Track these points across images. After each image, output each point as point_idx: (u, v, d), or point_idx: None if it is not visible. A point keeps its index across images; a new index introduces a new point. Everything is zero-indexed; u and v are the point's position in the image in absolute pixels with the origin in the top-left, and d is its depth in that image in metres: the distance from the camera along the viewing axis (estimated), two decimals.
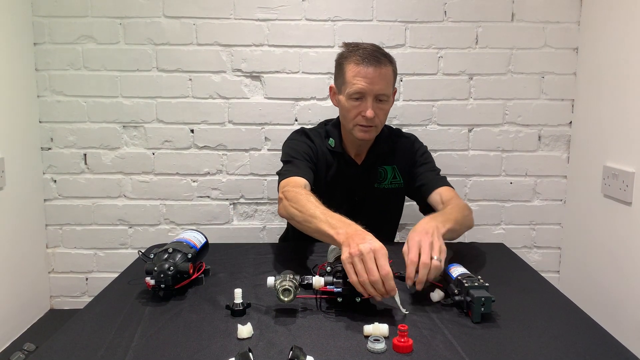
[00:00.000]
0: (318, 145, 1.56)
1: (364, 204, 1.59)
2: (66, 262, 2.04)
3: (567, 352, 0.89)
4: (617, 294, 1.66)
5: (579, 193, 1.93)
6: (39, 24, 1.90)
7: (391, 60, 1.45)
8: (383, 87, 1.41)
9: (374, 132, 1.48)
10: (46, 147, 1.97)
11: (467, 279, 1.04)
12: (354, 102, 1.43)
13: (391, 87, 1.45)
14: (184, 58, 1.93)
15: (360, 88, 1.40)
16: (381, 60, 1.40)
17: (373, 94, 1.40)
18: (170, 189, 2.01)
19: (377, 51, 1.43)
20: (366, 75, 1.39)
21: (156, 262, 1.11)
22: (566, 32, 1.94)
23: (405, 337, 0.88)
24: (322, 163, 1.56)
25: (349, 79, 1.42)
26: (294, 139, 1.58)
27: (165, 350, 0.89)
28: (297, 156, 1.49)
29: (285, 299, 1.00)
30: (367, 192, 1.59)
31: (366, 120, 1.42)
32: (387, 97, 1.44)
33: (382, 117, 1.46)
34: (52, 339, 0.94)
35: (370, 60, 1.39)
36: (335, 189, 1.57)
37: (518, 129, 2.00)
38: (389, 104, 1.47)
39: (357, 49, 1.43)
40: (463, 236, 2.03)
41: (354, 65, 1.41)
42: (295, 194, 1.27)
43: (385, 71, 1.41)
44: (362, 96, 1.42)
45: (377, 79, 1.39)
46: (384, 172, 1.59)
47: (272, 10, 1.91)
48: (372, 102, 1.41)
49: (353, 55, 1.42)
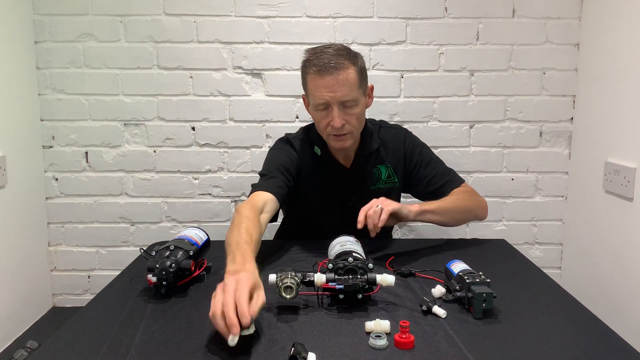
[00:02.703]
0: (301, 154, 1.53)
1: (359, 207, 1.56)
2: (68, 260, 2.04)
3: (568, 348, 0.89)
4: (618, 290, 1.66)
5: (581, 189, 1.92)
6: (39, 22, 1.90)
7: (354, 61, 1.37)
8: (346, 93, 1.34)
9: (349, 138, 1.42)
10: (48, 145, 1.97)
11: (469, 275, 1.04)
12: (321, 113, 1.40)
13: (356, 90, 1.37)
14: (184, 55, 1.93)
15: (322, 99, 1.35)
16: (339, 66, 1.33)
17: (337, 101, 1.35)
18: (171, 187, 2.01)
19: (335, 56, 1.35)
20: (326, 85, 1.33)
21: (158, 259, 1.12)
22: (567, 28, 1.93)
23: (406, 334, 0.88)
24: (307, 172, 1.53)
25: (311, 91, 1.39)
26: (276, 149, 1.55)
27: (168, 347, 0.90)
28: (272, 170, 1.46)
29: (287, 296, 1.00)
30: (362, 195, 1.52)
31: (336, 130, 1.38)
32: (353, 101, 1.37)
33: (354, 121, 1.40)
34: (55, 337, 0.94)
35: (327, 69, 1.33)
36: (326, 196, 1.55)
37: (519, 125, 1.99)
38: (360, 106, 1.40)
39: (314, 57, 1.36)
40: (464, 232, 2.06)
41: (312, 77, 1.36)
42: (237, 219, 1.24)
43: (345, 76, 1.33)
44: (327, 106, 1.37)
45: (337, 86, 1.33)
46: (379, 172, 1.55)
47: (272, 7, 1.91)
48: (338, 111, 1.35)
49: (310, 66, 1.37)
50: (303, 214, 1.63)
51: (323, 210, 1.57)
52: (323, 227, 1.59)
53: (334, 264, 1.06)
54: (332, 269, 1.05)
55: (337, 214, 1.57)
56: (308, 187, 1.54)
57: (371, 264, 1.06)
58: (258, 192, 1.38)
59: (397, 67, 1.95)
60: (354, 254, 1.09)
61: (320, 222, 1.60)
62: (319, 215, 1.59)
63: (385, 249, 1.42)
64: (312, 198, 1.56)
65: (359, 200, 1.54)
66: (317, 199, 1.56)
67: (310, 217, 1.62)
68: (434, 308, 1.01)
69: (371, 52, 1.94)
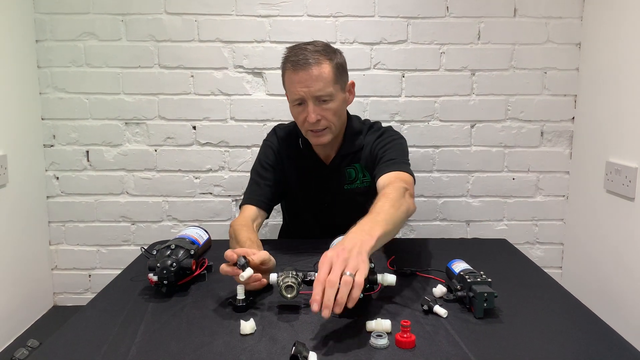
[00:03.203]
0: (285, 145, 1.55)
1: (334, 206, 1.56)
2: (69, 259, 2.04)
3: (569, 348, 0.89)
4: (619, 290, 1.66)
5: (582, 189, 1.92)
6: (40, 21, 1.90)
7: (330, 57, 1.38)
8: (320, 87, 1.35)
9: (328, 134, 1.42)
10: (48, 144, 1.97)
11: (470, 275, 1.04)
12: (298, 108, 1.41)
13: (332, 85, 1.36)
14: (185, 55, 1.93)
15: (297, 94, 1.37)
16: (313, 62, 1.34)
17: (311, 96, 1.35)
18: (172, 186, 2.01)
19: (310, 52, 1.36)
20: (300, 80, 1.35)
21: (159, 258, 1.12)
22: (569, 28, 1.93)
23: (407, 333, 0.88)
24: (292, 164, 1.54)
25: (288, 87, 1.41)
26: (264, 144, 1.59)
27: (169, 346, 0.90)
28: (260, 174, 1.53)
29: (288, 295, 1.00)
30: (337, 193, 1.54)
31: (312, 125, 1.39)
32: (329, 96, 1.37)
33: (331, 117, 1.39)
34: (56, 335, 0.94)
35: (301, 64, 1.34)
36: (306, 190, 1.56)
37: (520, 124, 1.99)
38: (336, 102, 1.39)
39: (291, 54, 1.38)
40: (465, 232, 2.05)
41: (288, 73, 1.38)
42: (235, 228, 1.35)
43: (319, 71, 1.34)
44: (302, 102, 1.38)
45: (311, 81, 1.34)
46: (354, 171, 1.53)
47: (273, 6, 1.91)
48: (313, 106, 1.36)
49: (287, 62, 1.39)
50: (290, 206, 1.67)
51: (303, 204, 1.60)
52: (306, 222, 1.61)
53: None
54: None
55: (314, 210, 1.59)
56: (291, 179, 1.56)
57: (372, 264, 1.05)
58: (245, 206, 1.48)
59: (398, 67, 1.95)
60: None
61: (302, 217, 1.63)
62: (301, 208, 1.62)
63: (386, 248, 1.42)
64: (295, 190, 1.58)
65: (333, 200, 1.55)
66: (299, 191, 1.57)
67: (295, 209, 1.65)
68: (435, 307, 1.01)
69: (372, 52, 1.93)
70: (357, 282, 0.88)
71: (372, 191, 1.53)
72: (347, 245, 0.95)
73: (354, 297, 0.88)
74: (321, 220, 1.59)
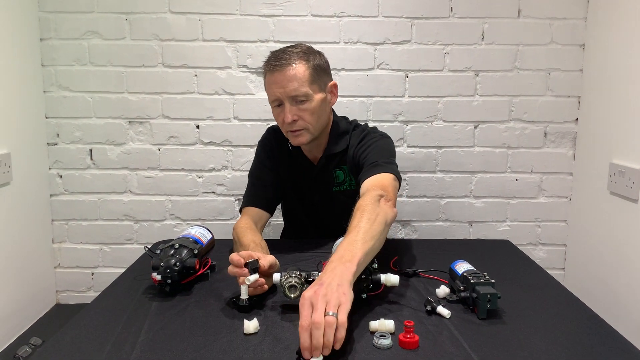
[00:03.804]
0: (279, 146, 1.56)
1: (323, 207, 1.56)
2: (72, 257, 2.05)
3: (572, 349, 0.89)
4: (622, 291, 1.66)
5: (585, 190, 1.92)
6: (45, 19, 1.90)
7: (307, 58, 1.38)
8: (295, 88, 1.34)
9: (306, 134, 1.41)
10: (52, 142, 1.98)
11: (473, 276, 1.04)
12: (276, 110, 1.41)
13: (307, 85, 1.36)
14: (189, 54, 1.93)
15: (273, 95, 1.38)
16: (287, 62, 1.35)
17: (286, 96, 1.36)
18: (175, 185, 2.02)
19: (287, 54, 1.37)
20: (275, 81, 1.36)
21: (162, 257, 1.12)
22: (573, 29, 1.92)
23: (411, 333, 0.89)
24: (284, 164, 1.56)
25: (267, 89, 1.41)
26: (258, 148, 1.61)
27: (172, 345, 0.90)
28: (259, 176, 1.55)
29: (291, 295, 1.01)
30: (324, 195, 1.54)
31: (289, 125, 1.39)
32: (304, 96, 1.36)
33: (308, 117, 1.38)
34: (60, 333, 0.94)
35: (276, 66, 1.35)
36: (296, 189, 1.57)
37: (524, 125, 1.99)
38: (313, 102, 1.38)
39: (271, 57, 1.39)
40: (468, 233, 2.05)
41: (267, 75, 1.39)
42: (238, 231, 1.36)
43: (294, 71, 1.34)
44: (280, 103, 1.39)
45: (286, 81, 1.34)
46: (343, 173, 1.53)
47: (277, 6, 1.91)
48: (289, 106, 1.36)
49: (267, 65, 1.40)
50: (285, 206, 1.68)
51: (296, 204, 1.61)
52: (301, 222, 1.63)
53: None
54: None
55: (304, 211, 1.60)
56: (285, 179, 1.57)
57: (375, 264, 1.06)
58: (246, 208, 1.49)
59: (402, 67, 1.95)
60: None
61: (297, 217, 1.63)
62: (295, 209, 1.63)
63: (389, 249, 1.42)
64: (289, 190, 1.59)
65: (321, 200, 1.55)
66: (291, 191, 1.58)
67: (289, 210, 1.66)
68: (438, 308, 1.01)
69: (376, 52, 1.93)
70: (340, 322, 0.82)
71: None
72: (326, 280, 0.90)
73: (338, 338, 0.82)
74: (314, 221, 1.60)
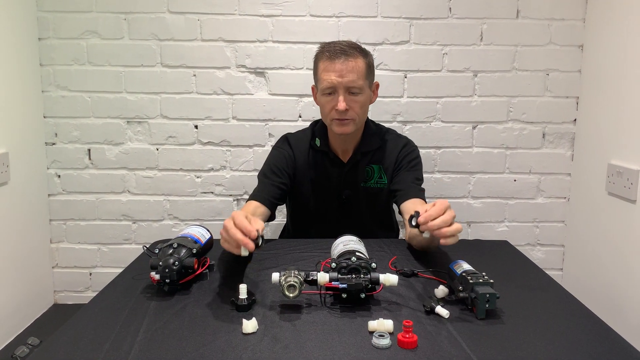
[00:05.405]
0: (298, 150, 1.58)
1: (351, 203, 1.59)
2: (70, 257, 2.04)
3: (571, 349, 0.89)
4: (621, 292, 1.66)
5: (583, 191, 1.92)
6: (43, 19, 1.90)
7: (365, 53, 1.46)
8: (353, 79, 1.41)
9: (351, 125, 1.47)
10: (50, 142, 1.97)
11: (472, 276, 1.04)
12: (327, 97, 1.45)
13: (363, 79, 1.44)
14: (188, 54, 1.93)
15: (329, 82, 1.42)
16: (350, 53, 1.41)
17: (343, 86, 1.41)
18: (174, 185, 2.01)
19: (348, 46, 1.44)
20: (335, 69, 1.41)
21: (161, 257, 1.12)
22: (571, 29, 1.93)
23: (410, 333, 0.88)
24: (305, 165, 1.58)
25: (320, 75, 1.45)
26: (274, 149, 1.63)
27: (171, 344, 0.90)
28: (267, 175, 1.55)
29: (290, 294, 1.00)
30: (354, 190, 1.58)
31: (339, 114, 1.43)
32: (359, 89, 1.43)
33: (358, 109, 1.45)
34: (58, 333, 0.94)
35: (338, 54, 1.41)
36: (322, 187, 1.59)
37: (522, 126, 1.99)
38: (364, 96, 1.46)
39: (328, 46, 1.45)
40: (467, 233, 2.05)
41: (323, 62, 1.44)
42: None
43: (354, 63, 1.41)
44: (333, 90, 1.43)
45: (346, 71, 1.40)
46: (371, 170, 1.58)
47: (276, 6, 1.91)
48: (344, 95, 1.42)
49: (324, 52, 1.44)
50: (301, 208, 1.67)
51: (320, 203, 1.61)
52: (321, 221, 1.62)
53: (337, 263, 1.06)
54: (335, 268, 1.05)
55: (333, 206, 1.61)
56: (305, 181, 1.58)
57: (374, 264, 1.06)
58: (250, 201, 1.49)
59: (401, 67, 1.95)
60: (357, 254, 1.09)
61: (318, 216, 1.63)
62: (317, 209, 1.62)
63: (388, 248, 1.42)
64: (309, 190, 1.60)
65: (351, 194, 1.58)
66: (314, 191, 1.59)
67: (308, 210, 1.65)
68: (437, 308, 1.01)
69: (375, 52, 1.93)
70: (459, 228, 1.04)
71: (383, 195, 1.59)
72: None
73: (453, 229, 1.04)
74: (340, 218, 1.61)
